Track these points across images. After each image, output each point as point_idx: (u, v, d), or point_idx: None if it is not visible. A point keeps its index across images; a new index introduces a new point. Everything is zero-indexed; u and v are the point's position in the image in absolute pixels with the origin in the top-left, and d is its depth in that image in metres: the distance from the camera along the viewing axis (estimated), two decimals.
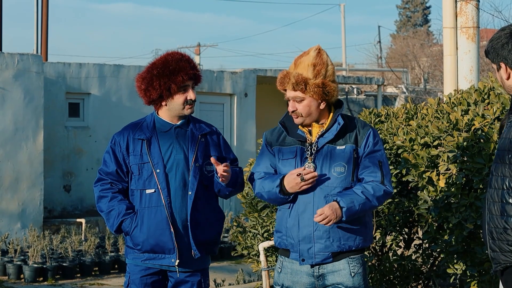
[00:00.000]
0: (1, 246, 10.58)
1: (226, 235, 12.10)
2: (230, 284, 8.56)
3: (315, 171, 4.01)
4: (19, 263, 10.06)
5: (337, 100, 4.17)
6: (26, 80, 11.98)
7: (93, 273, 10.33)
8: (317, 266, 4.05)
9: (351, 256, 4.07)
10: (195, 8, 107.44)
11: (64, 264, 10.11)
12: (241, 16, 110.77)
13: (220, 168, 4.19)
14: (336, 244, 4.02)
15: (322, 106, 4.07)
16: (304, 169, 3.99)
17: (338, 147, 4.06)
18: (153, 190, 4.27)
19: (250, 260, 6.55)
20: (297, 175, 3.96)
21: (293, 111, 4.08)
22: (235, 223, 6.65)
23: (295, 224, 4.04)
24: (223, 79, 15.11)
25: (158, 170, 4.27)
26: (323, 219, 3.88)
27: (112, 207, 4.31)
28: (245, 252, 6.47)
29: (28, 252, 10.28)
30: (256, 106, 15.57)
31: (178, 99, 4.31)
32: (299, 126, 4.13)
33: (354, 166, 4.05)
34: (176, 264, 4.27)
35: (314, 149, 4.06)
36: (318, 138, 4.08)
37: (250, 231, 6.40)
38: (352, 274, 4.06)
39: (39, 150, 12.11)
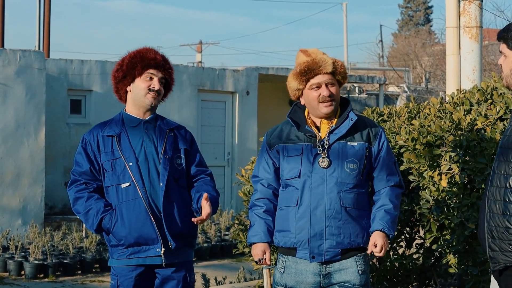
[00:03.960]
0: (2, 243, 10.58)
1: (227, 233, 12.10)
2: (231, 282, 8.55)
3: (329, 166, 4.02)
4: (20, 259, 10.06)
5: (343, 99, 4.18)
6: (28, 77, 11.98)
7: (94, 270, 10.35)
8: (325, 265, 4.05)
9: (358, 255, 4.09)
10: (198, 6, 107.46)
11: (65, 261, 10.12)
12: (243, 14, 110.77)
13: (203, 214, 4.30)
14: (346, 240, 4.04)
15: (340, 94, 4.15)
16: (264, 259, 4.15)
17: (349, 143, 4.07)
18: (128, 184, 4.29)
19: (251, 258, 6.54)
20: (258, 261, 4.16)
21: (329, 96, 4.06)
22: (236, 221, 6.64)
23: (307, 221, 4.03)
24: (225, 77, 15.10)
25: (130, 164, 4.30)
26: (380, 251, 4.03)
27: (90, 206, 4.32)
28: (246, 250, 6.46)
29: (29, 248, 10.29)
30: (258, 104, 15.57)
31: (141, 83, 4.36)
32: (308, 122, 4.13)
33: (364, 163, 4.07)
34: (162, 252, 4.28)
35: (326, 145, 4.05)
36: (329, 134, 4.07)
37: None
38: (360, 272, 4.08)
39: (41, 146, 12.11)
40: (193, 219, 4.28)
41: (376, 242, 4.02)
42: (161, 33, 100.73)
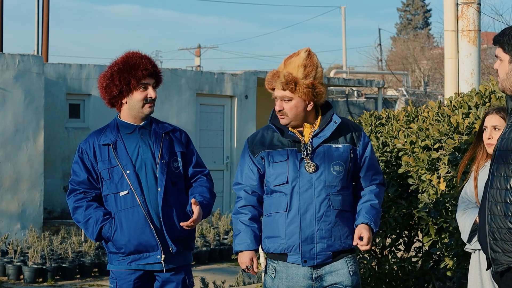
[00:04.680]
0: (1, 247, 10.58)
1: (226, 236, 12.10)
2: (230, 286, 8.55)
3: (316, 170, 4.02)
4: (18, 263, 10.05)
5: (325, 101, 4.18)
6: (26, 81, 11.99)
7: (92, 274, 10.35)
8: (316, 268, 4.06)
9: (349, 256, 4.11)
10: (197, 10, 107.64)
11: (63, 265, 10.11)
12: (242, 18, 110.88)
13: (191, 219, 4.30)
14: (337, 243, 4.05)
15: (309, 107, 4.08)
16: (252, 266, 4.11)
17: (333, 146, 4.09)
18: (126, 192, 4.29)
19: None
20: (246, 269, 4.11)
21: (279, 111, 4.08)
22: None
23: (297, 226, 4.03)
24: (224, 81, 15.11)
25: (128, 171, 4.30)
26: (367, 244, 4.02)
27: (89, 215, 4.32)
28: None
29: (27, 252, 10.28)
30: (256, 108, 15.57)
31: (138, 95, 4.34)
32: (289, 128, 4.13)
33: (349, 165, 4.09)
34: (162, 259, 4.29)
35: (309, 149, 4.06)
36: (312, 138, 4.08)
37: None
38: (351, 273, 4.09)
39: (40, 151, 12.11)
40: (181, 224, 4.29)
41: (362, 235, 4.02)
42: (160, 37, 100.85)
